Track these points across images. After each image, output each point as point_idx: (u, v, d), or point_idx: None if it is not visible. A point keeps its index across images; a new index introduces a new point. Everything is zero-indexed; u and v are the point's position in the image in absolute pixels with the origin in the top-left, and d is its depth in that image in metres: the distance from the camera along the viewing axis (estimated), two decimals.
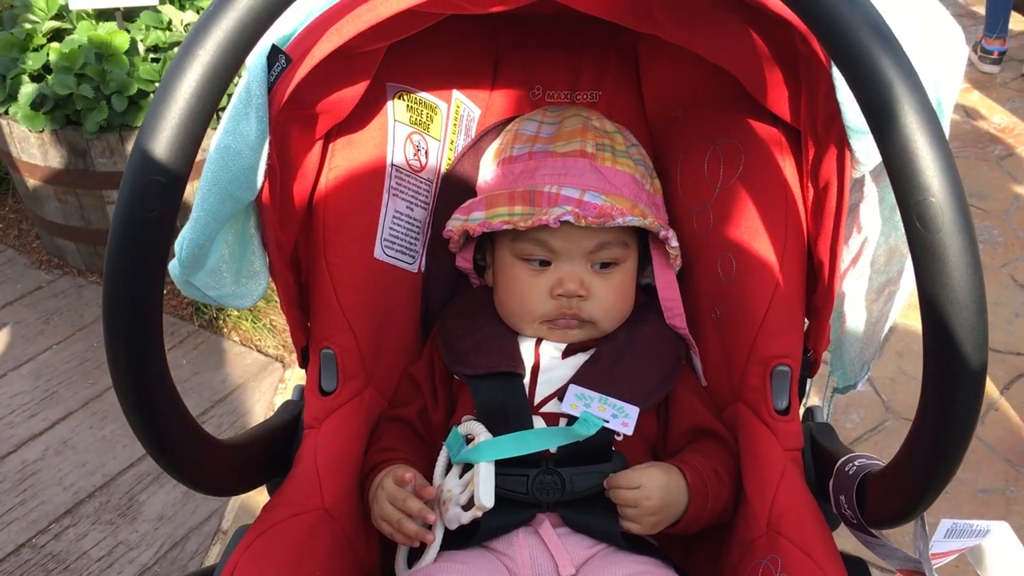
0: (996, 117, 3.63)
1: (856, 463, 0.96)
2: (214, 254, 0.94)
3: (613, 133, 1.19)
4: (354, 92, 1.04)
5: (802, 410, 1.15)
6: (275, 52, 0.86)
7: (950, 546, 0.93)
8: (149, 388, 0.77)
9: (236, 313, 2.72)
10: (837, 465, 0.98)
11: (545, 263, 1.14)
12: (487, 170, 1.21)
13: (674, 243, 1.15)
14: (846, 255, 1.07)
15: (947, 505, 2.18)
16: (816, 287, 1.07)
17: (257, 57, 0.86)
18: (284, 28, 0.90)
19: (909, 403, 2.46)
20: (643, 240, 1.19)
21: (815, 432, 1.09)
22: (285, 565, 0.93)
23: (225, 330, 2.72)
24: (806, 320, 1.11)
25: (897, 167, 0.68)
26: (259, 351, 2.66)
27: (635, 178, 1.15)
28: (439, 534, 1.03)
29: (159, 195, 0.71)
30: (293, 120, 0.97)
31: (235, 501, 2.20)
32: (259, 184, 0.91)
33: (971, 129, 3.57)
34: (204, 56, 0.71)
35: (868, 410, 2.45)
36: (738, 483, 1.07)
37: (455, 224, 1.17)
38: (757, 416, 1.07)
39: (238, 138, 0.87)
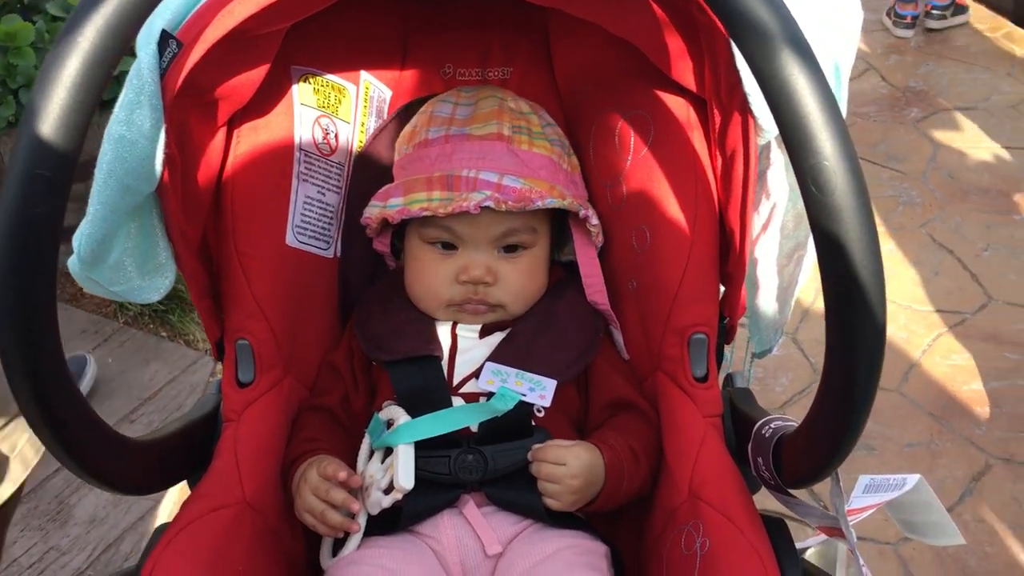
0: (911, 81, 3.71)
1: (772, 425, 0.98)
2: (116, 248, 0.92)
3: (528, 114, 1.18)
4: (254, 76, 1.02)
5: (722, 376, 1.17)
6: (165, 37, 0.84)
7: (869, 501, 0.95)
8: (46, 389, 0.74)
9: (163, 307, 2.66)
10: (755, 428, 1.00)
11: (451, 246, 1.13)
12: (403, 153, 1.19)
13: (594, 221, 1.16)
14: (756, 221, 1.08)
15: (875, 461, 2.25)
16: (729, 254, 1.08)
17: (147, 43, 0.83)
18: (175, 12, 0.87)
19: None
20: (561, 219, 1.19)
21: (735, 397, 1.11)
22: (207, 560, 0.92)
23: (152, 326, 2.66)
24: (722, 288, 1.13)
25: (790, 132, 0.69)
26: (188, 345, 2.61)
27: (552, 159, 1.15)
28: (362, 521, 1.02)
29: (44, 190, 0.69)
30: (192, 107, 0.95)
31: (169, 500, 2.16)
32: (158, 174, 0.88)
33: (888, 93, 3.64)
34: (84, 43, 0.68)
35: (796, 373, 2.50)
36: (657, 459, 1.08)
37: (373, 211, 1.15)
38: (676, 384, 1.08)
39: (132, 128, 0.84)
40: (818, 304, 2.70)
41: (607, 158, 1.18)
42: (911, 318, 2.65)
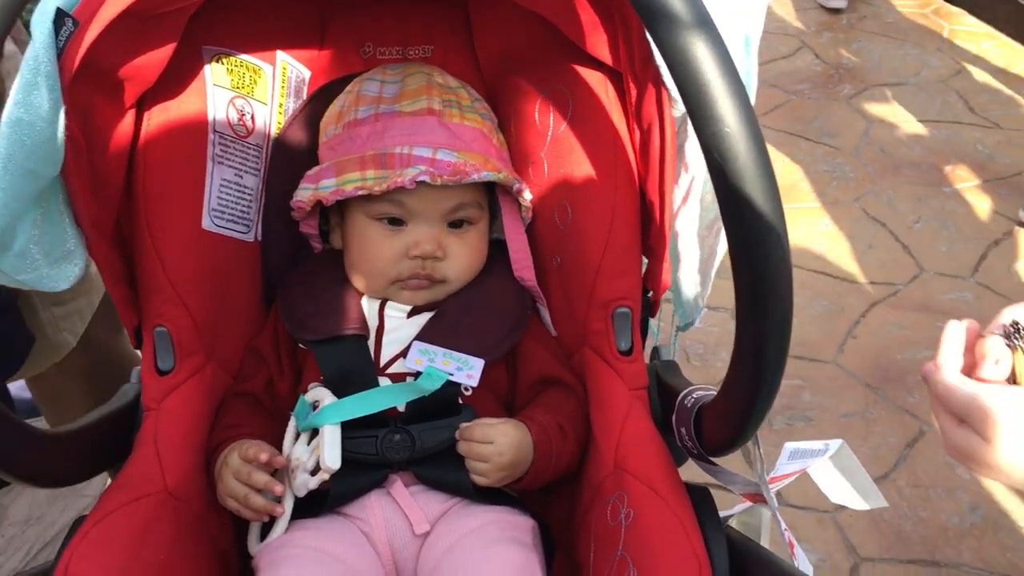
0: (844, 58, 3.76)
1: (694, 396, 0.99)
2: (21, 235, 0.90)
3: (457, 88, 1.17)
4: (159, 56, 0.99)
5: (650, 350, 1.18)
6: (61, 16, 0.81)
7: (793, 467, 0.97)
8: None
9: None
10: (678, 399, 1.01)
11: (399, 222, 1.12)
12: (331, 135, 1.17)
13: (527, 195, 1.16)
14: (676, 194, 1.09)
15: (812, 431, 2.28)
16: (650, 228, 1.09)
17: (42, 23, 0.81)
18: None
19: None
20: (489, 196, 1.19)
21: (660, 370, 1.12)
22: (125, 552, 0.90)
23: None
24: (645, 261, 1.13)
25: (692, 102, 0.70)
26: None
27: (484, 133, 1.15)
28: (289, 504, 1.01)
29: None
30: (95, 89, 0.92)
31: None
32: (60, 157, 0.86)
33: (821, 70, 3.69)
34: None
35: None
36: (586, 434, 1.09)
37: (305, 194, 1.13)
38: (602, 359, 1.09)
39: (30, 110, 0.82)
40: None
41: (528, 134, 1.18)
42: (846, 291, 2.69)
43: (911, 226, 2.92)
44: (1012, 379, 0.76)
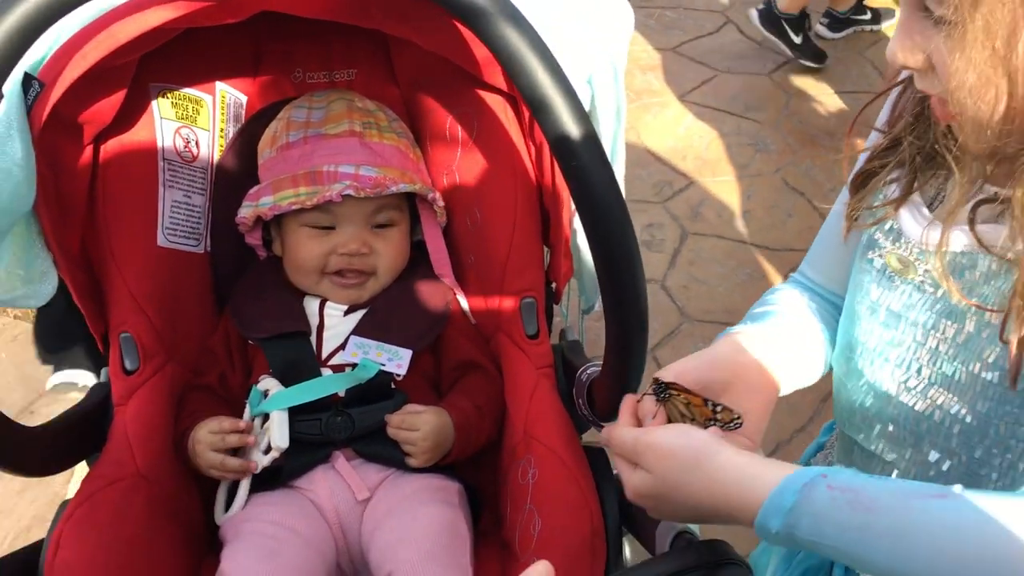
0: (766, 32, 3.93)
1: (588, 371, 1.17)
2: (1, 263, 1.04)
3: (375, 111, 1.33)
4: (113, 101, 1.14)
5: (558, 332, 1.35)
6: (28, 79, 0.96)
7: None
8: None
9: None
10: (577, 374, 1.19)
11: (330, 227, 1.28)
12: (266, 157, 1.33)
13: (440, 203, 1.33)
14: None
15: None
16: (549, 228, 1.26)
17: (12, 85, 0.95)
18: (35, 55, 0.99)
19: (701, 306, 2.73)
20: (412, 203, 1.35)
21: (566, 349, 1.29)
22: (107, 529, 1.06)
23: None
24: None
25: (551, 140, 0.87)
26: None
27: (400, 149, 1.31)
28: (246, 482, 1.18)
29: None
30: (60, 133, 1.07)
31: (74, 486, 2.24)
32: (33, 195, 1.01)
33: (746, 46, 3.86)
34: None
35: (665, 317, 2.71)
36: (501, 409, 1.26)
37: (247, 211, 1.29)
38: (513, 342, 1.26)
39: (5, 158, 0.96)
40: (682, 254, 2.92)
41: (441, 148, 1.35)
42: (767, 258, 2.88)
43: (827, 194, 3.11)
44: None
